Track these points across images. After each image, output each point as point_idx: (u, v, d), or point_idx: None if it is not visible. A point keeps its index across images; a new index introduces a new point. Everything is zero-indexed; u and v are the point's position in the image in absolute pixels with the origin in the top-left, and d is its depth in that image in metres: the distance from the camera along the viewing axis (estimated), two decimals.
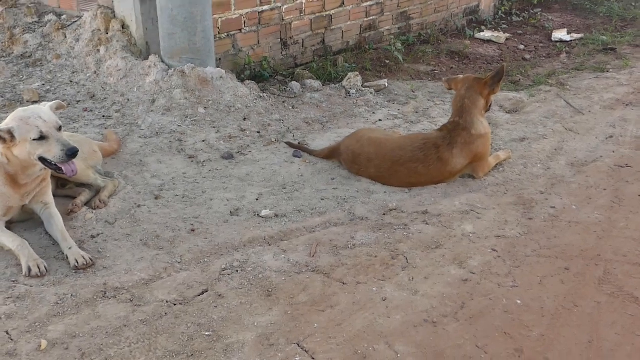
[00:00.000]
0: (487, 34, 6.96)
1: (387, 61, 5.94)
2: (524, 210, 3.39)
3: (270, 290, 2.68)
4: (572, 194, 3.57)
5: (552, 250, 3.03)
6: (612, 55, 6.35)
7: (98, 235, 3.03)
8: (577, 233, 3.19)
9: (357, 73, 5.25)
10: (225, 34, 4.96)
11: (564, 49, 6.60)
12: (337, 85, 5.14)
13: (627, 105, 4.95)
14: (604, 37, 6.89)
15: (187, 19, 4.32)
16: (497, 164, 3.85)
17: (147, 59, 4.55)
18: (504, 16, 7.74)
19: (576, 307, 2.64)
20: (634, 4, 8.26)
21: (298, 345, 2.38)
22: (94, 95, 4.52)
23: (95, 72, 4.69)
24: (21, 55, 5.05)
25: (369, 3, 6.11)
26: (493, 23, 7.50)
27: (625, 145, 4.23)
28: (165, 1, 4.31)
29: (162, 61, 4.47)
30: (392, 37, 6.41)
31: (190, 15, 4.31)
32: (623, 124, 4.58)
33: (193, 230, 3.10)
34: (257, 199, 3.42)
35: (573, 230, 3.22)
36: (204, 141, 3.99)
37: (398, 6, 6.45)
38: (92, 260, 2.80)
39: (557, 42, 6.90)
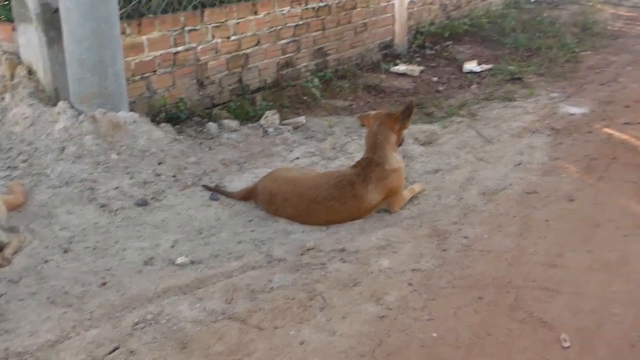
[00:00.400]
0: (401, 68, 7.15)
1: (305, 97, 6.01)
2: (438, 242, 3.45)
3: (185, 342, 2.61)
4: (484, 223, 3.67)
5: (465, 280, 3.09)
6: (519, 84, 6.63)
7: (0, 296, 2.89)
8: (489, 261, 3.27)
9: (275, 111, 5.27)
10: (139, 77, 4.89)
11: (475, 80, 6.86)
12: (255, 124, 5.14)
13: (533, 132, 5.16)
14: (511, 67, 7.20)
15: (96, 63, 4.24)
16: (412, 197, 3.92)
17: (56, 105, 4.42)
18: (417, 49, 7.99)
19: (489, 335, 2.69)
20: (537, 34, 8.69)
21: None
22: None
23: (0, 120, 4.53)
24: None
25: (285, 41, 6.18)
26: (407, 56, 7.72)
27: (533, 172, 4.39)
28: (73, 45, 4.22)
29: (72, 107, 4.36)
30: (309, 73, 6.50)
31: (100, 59, 4.24)
32: (530, 151, 4.77)
33: (104, 284, 3.00)
34: (172, 246, 3.35)
35: (485, 258, 3.29)
36: (117, 188, 3.89)
37: (314, 43, 6.56)
38: None
39: (468, 73, 7.16)
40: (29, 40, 4.54)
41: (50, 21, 4.44)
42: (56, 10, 4.38)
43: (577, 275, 3.15)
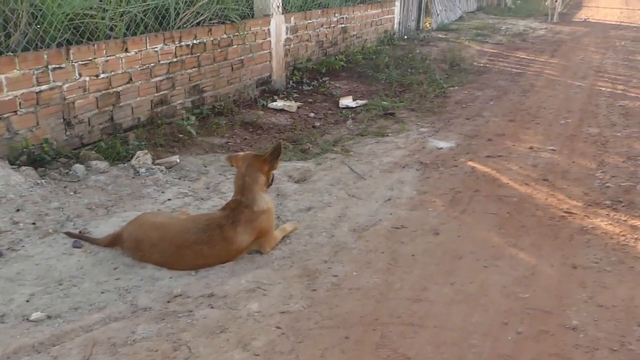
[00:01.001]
0: (279, 104, 7.23)
1: (181, 135, 5.92)
2: (308, 282, 3.47)
3: None
4: (353, 260, 3.74)
5: (333, 320, 3.12)
6: (391, 119, 6.89)
7: None
8: (357, 299, 3.32)
9: (147, 151, 5.14)
10: None
11: (350, 115, 7.06)
12: (126, 164, 4.99)
13: (403, 167, 5.36)
14: (385, 102, 7.48)
15: None
16: (284, 237, 3.93)
17: None
18: (295, 85, 8.13)
19: None
20: (410, 70, 9.11)
21: None
22: None
23: None
24: None
25: (159, 78, 6.08)
26: (285, 92, 7.84)
27: (402, 207, 4.54)
28: None
29: None
30: (185, 110, 6.42)
31: None
32: (400, 186, 4.94)
33: None
34: (27, 301, 3.15)
35: (353, 297, 3.35)
36: None
37: (190, 80, 6.49)
38: None
39: (344, 108, 7.36)
40: None
41: None
42: None
43: (440, 309, 3.27)
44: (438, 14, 14.13)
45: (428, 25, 13.85)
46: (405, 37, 11.91)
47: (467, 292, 3.43)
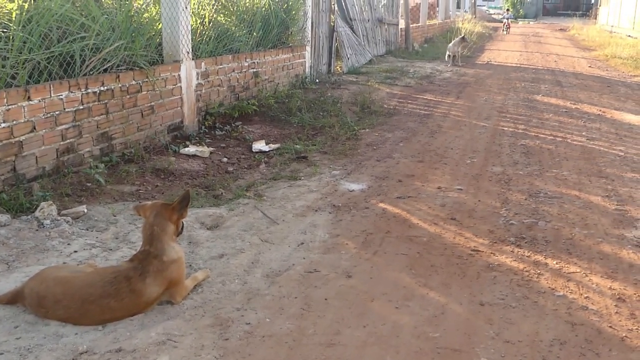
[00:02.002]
0: (191, 149, 7.22)
1: (89, 184, 5.79)
2: (220, 331, 3.46)
3: None
4: (267, 307, 3.76)
5: None
6: (304, 163, 7.01)
7: None
8: (270, 347, 3.34)
9: (51, 202, 5.00)
10: None
11: (263, 160, 7.13)
12: (29, 216, 4.82)
13: (316, 210, 5.46)
14: (297, 146, 7.61)
15: None
16: (195, 285, 3.91)
17: None
18: (207, 130, 8.14)
19: None
20: (322, 113, 9.32)
21: None
22: None
23: None
24: None
25: (64, 126, 5.95)
26: (198, 137, 7.83)
27: (315, 250, 4.61)
28: None
29: None
30: (93, 159, 6.29)
31: None
32: (313, 229, 5.02)
33: None
34: None
35: (266, 344, 3.36)
36: None
37: (97, 127, 6.39)
38: None
39: (257, 152, 7.43)
40: None
41: None
42: None
43: (353, 352, 3.34)
44: (348, 58, 14.57)
45: (339, 69, 14.24)
46: (317, 80, 12.19)
47: (380, 334, 3.52)
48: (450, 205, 5.73)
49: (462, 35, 19.14)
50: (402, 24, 21.05)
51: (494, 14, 51.18)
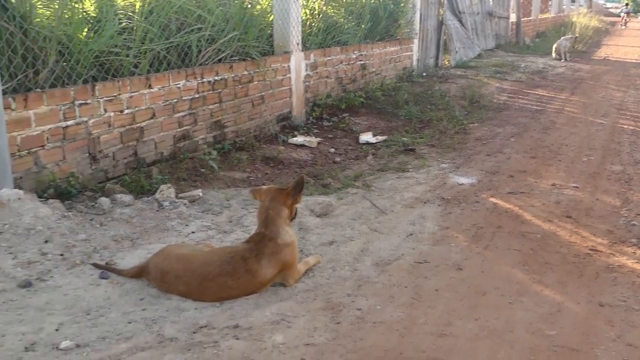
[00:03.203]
0: (299, 139, 7.38)
1: (203, 170, 6.06)
2: (332, 315, 3.54)
3: None
4: (377, 294, 3.80)
5: (358, 354, 3.18)
6: (412, 155, 7.00)
7: None
8: (381, 333, 3.38)
9: (170, 185, 5.28)
10: (26, 152, 4.79)
11: (370, 151, 7.18)
12: (149, 198, 5.12)
13: (425, 202, 5.45)
14: (405, 138, 7.61)
15: None
16: (307, 270, 4.02)
17: None
18: (315, 121, 8.29)
19: None
20: (429, 107, 9.25)
21: None
22: None
23: None
24: None
25: (181, 114, 6.26)
26: (305, 128, 8.00)
27: (424, 242, 4.62)
28: None
29: None
30: (207, 145, 6.58)
31: None
32: (422, 221, 5.02)
33: None
34: (57, 330, 3.24)
35: (377, 330, 3.41)
36: None
37: (211, 115, 6.67)
38: None
39: (364, 144, 7.49)
40: None
41: None
42: None
43: (465, 344, 3.32)
44: (457, 51, 14.35)
45: (447, 63, 14.07)
46: (424, 74, 12.11)
47: (492, 328, 3.48)
48: (566, 203, 5.56)
49: (572, 36, 18.31)
50: (513, 17, 20.47)
51: (612, 7, 48.69)
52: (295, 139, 7.40)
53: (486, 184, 6.04)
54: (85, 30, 5.44)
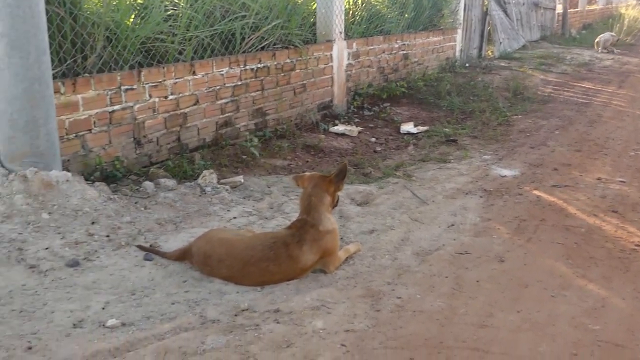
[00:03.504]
0: (340, 128, 7.38)
1: (244, 156, 6.12)
2: (372, 302, 3.54)
3: None
4: (417, 283, 3.79)
5: (398, 341, 3.18)
6: (453, 146, 6.94)
7: None
8: (421, 322, 3.37)
9: (212, 170, 5.35)
10: (74, 135, 4.91)
11: (411, 141, 7.14)
12: (192, 183, 5.20)
13: (466, 194, 5.40)
14: (446, 129, 7.54)
15: (28, 122, 4.25)
16: (347, 257, 4.03)
17: None
18: (356, 110, 8.28)
19: None
20: (472, 98, 9.15)
21: None
22: None
23: None
24: None
25: (223, 101, 6.32)
26: (346, 117, 7.99)
27: (465, 233, 4.58)
28: (4, 105, 4.22)
29: (2, 166, 4.33)
30: (249, 132, 6.64)
31: (32, 118, 4.26)
32: (463, 212, 4.98)
33: (30, 348, 2.94)
34: (103, 308, 3.33)
35: (417, 319, 3.40)
36: (47, 249, 3.85)
37: (253, 103, 6.72)
38: None
39: (405, 134, 7.45)
40: None
41: None
42: None
43: (506, 336, 3.29)
44: (501, 42, 14.14)
45: (490, 54, 13.87)
46: (467, 64, 11.97)
47: (534, 321, 3.44)
48: (612, 197, 5.44)
49: (613, 34, 17.82)
50: (559, 8, 20.05)
51: None
52: (336, 127, 7.41)
53: (529, 177, 5.96)
54: (133, 16, 5.53)
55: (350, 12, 8.67)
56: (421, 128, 7.64)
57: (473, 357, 3.08)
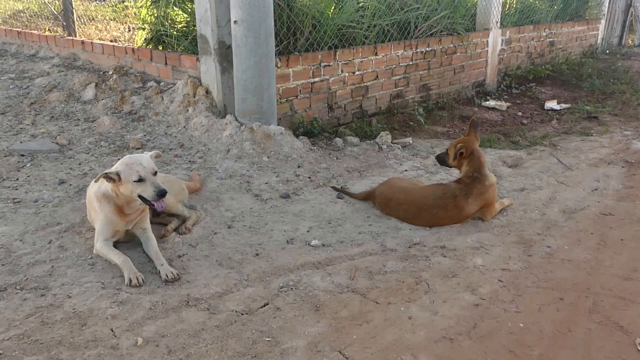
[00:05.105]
0: (491, 103, 6.92)
1: (411, 123, 5.96)
2: (524, 248, 3.30)
3: (318, 305, 2.66)
4: (565, 236, 3.47)
5: (548, 283, 2.94)
6: (594, 122, 6.23)
7: (183, 255, 3.07)
8: (569, 269, 3.09)
9: (388, 132, 5.26)
10: (285, 99, 5.05)
11: (555, 116, 6.51)
12: (371, 141, 5.15)
13: (609, 163, 4.83)
14: (587, 107, 6.78)
15: (256, 88, 4.41)
16: (502, 209, 3.78)
17: (224, 117, 4.65)
18: (505, 88, 7.71)
19: (570, 331, 2.55)
20: (612, 81, 8.13)
21: (340, 352, 2.35)
22: (182, 145, 4.62)
23: (185, 126, 4.81)
24: (129, 112, 5.22)
25: (397, 77, 6.16)
26: (496, 94, 7.47)
27: (608, 197, 4.11)
28: (240, 73, 4.42)
29: (236, 119, 4.56)
30: (416, 104, 6.44)
31: (259, 84, 4.41)
32: (606, 179, 4.46)
33: (257, 255, 3.11)
34: (308, 231, 3.42)
35: (566, 266, 3.12)
36: (266, 183, 4.03)
37: (420, 79, 6.49)
38: (178, 275, 2.83)
39: (548, 110, 6.81)
40: (208, 68, 4.80)
41: (224, 55, 4.69)
42: (229, 47, 4.62)
43: None
44: None
45: (630, 42, 12.20)
46: (607, 51, 10.64)
47: None
48: None
49: None
50: None
51: None
52: (487, 102, 6.95)
53: None
54: (332, 8, 5.51)
55: (507, 4, 8.00)
56: (564, 105, 6.93)
57: (619, 304, 2.76)
